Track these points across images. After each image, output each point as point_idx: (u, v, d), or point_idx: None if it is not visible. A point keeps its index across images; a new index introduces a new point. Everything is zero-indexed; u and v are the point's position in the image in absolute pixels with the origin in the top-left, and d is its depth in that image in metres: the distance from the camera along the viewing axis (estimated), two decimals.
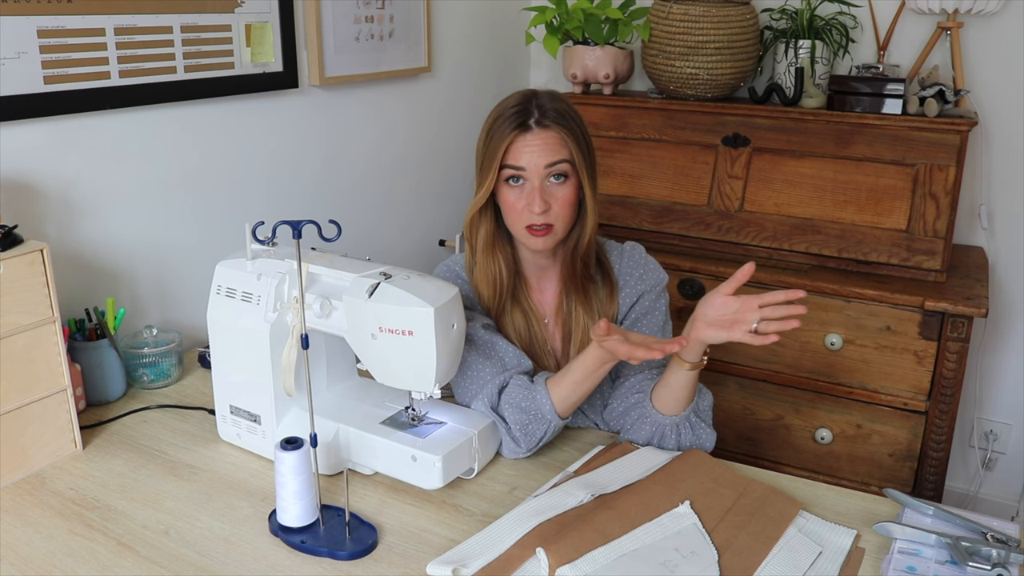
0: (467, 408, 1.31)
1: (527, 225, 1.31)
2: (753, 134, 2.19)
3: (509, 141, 1.28)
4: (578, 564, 0.99)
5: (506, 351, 1.35)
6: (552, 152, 1.28)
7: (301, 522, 1.09)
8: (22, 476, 1.24)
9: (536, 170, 1.28)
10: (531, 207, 1.28)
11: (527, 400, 1.27)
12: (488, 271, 1.38)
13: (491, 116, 1.33)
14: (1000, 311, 2.36)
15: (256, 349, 1.24)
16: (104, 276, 1.60)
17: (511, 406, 1.27)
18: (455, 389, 1.36)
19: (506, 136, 1.28)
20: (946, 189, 1.98)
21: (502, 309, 1.41)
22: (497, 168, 1.29)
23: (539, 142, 1.28)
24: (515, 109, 1.29)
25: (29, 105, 1.42)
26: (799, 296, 1.14)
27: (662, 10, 2.26)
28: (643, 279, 1.42)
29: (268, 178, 1.92)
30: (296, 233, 1.05)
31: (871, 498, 1.19)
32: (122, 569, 1.04)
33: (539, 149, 1.28)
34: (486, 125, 1.33)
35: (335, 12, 1.97)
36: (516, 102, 1.31)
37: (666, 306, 1.44)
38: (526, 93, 1.33)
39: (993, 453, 2.46)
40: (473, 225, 1.37)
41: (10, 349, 1.21)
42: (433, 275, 1.37)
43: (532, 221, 1.30)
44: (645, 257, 1.45)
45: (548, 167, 1.29)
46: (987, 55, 2.22)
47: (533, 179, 1.29)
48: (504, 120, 1.29)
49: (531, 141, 1.28)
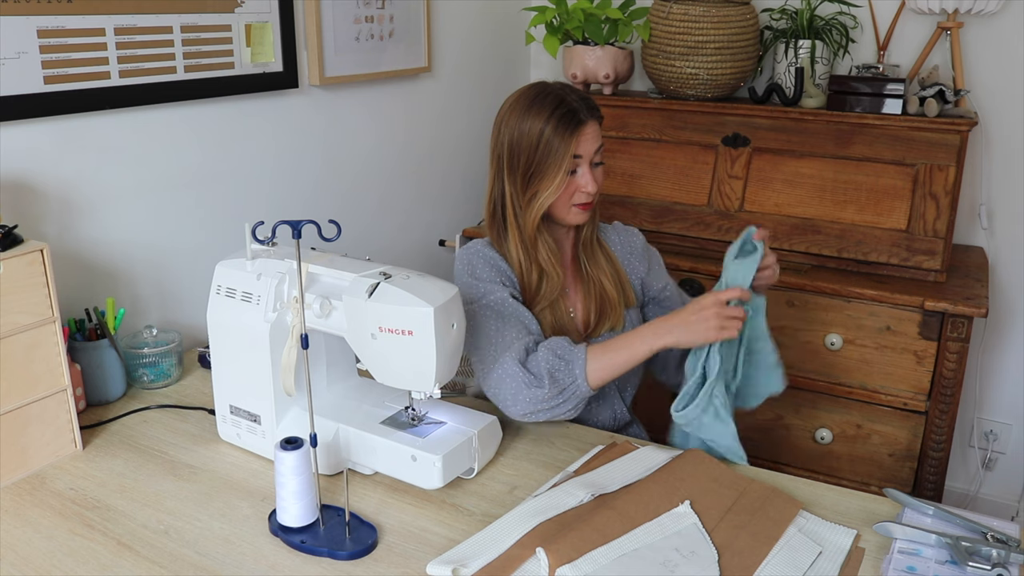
0: (467, 408, 1.31)
1: (577, 203, 1.46)
2: (753, 134, 2.19)
3: (576, 136, 1.41)
4: (578, 564, 0.99)
5: (532, 320, 1.43)
6: (598, 138, 1.46)
7: (301, 522, 1.09)
8: (22, 476, 1.24)
9: (589, 156, 1.45)
10: (587, 188, 1.44)
11: (564, 350, 1.35)
12: (548, 260, 1.48)
13: (537, 115, 1.41)
14: (1000, 311, 2.36)
15: (256, 349, 1.24)
16: (104, 276, 1.60)
17: (547, 349, 1.35)
18: (475, 355, 1.39)
19: (571, 133, 1.41)
20: (946, 189, 1.98)
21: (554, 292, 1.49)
22: (569, 161, 1.42)
23: (592, 132, 1.44)
24: (567, 106, 1.42)
25: (29, 105, 1.42)
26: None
27: (662, 10, 2.26)
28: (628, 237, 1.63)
29: (268, 178, 1.92)
30: (296, 233, 1.05)
31: (871, 498, 1.19)
32: (122, 569, 1.04)
33: (591, 138, 1.44)
34: (529, 126, 1.41)
35: (335, 12, 1.97)
36: (560, 98, 1.42)
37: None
38: (561, 88, 1.44)
39: (993, 453, 2.46)
40: (535, 220, 1.46)
41: (10, 349, 1.21)
42: (458, 256, 1.50)
43: (583, 199, 1.45)
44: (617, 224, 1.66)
45: (596, 151, 1.46)
46: (987, 55, 2.22)
47: (584, 164, 1.44)
48: (559, 119, 1.41)
49: (588, 132, 1.43)
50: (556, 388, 1.31)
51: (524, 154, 1.42)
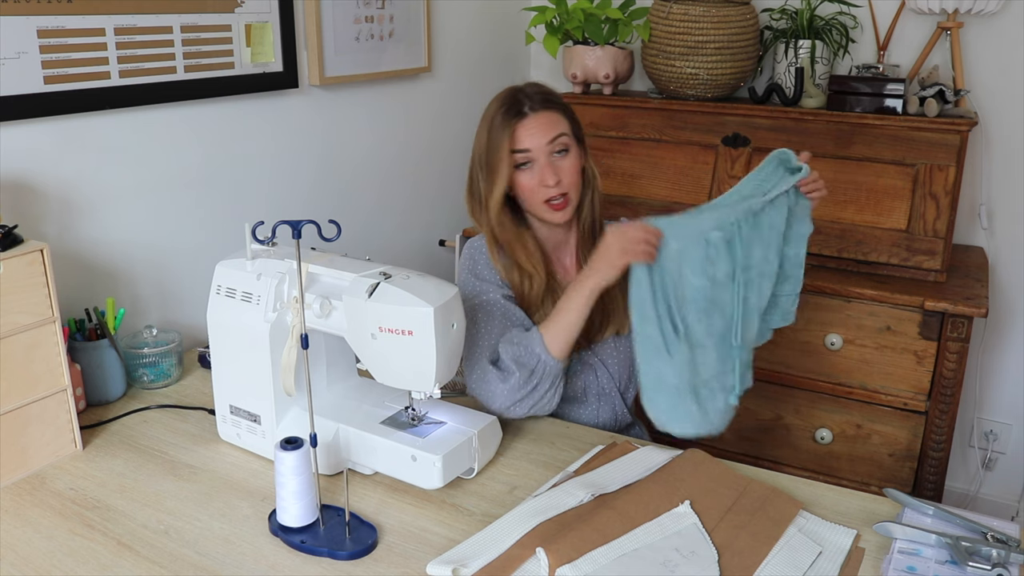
0: (467, 408, 1.31)
1: (545, 200, 1.43)
2: (753, 134, 2.19)
3: (512, 130, 1.40)
4: (578, 564, 0.99)
5: (525, 319, 1.43)
6: (550, 129, 1.41)
7: (301, 522, 1.09)
8: (22, 476, 1.24)
9: (540, 148, 1.41)
10: (545, 182, 1.41)
11: (518, 336, 1.38)
12: (527, 261, 1.47)
13: (486, 119, 1.46)
14: (1000, 311, 2.36)
15: (256, 349, 1.24)
16: (104, 276, 1.60)
17: (505, 342, 1.37)
18: (466, 359, 1.39)
19: (509, 126, 1.40)
20: (946, 189, 1.98)
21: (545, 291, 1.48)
22: (508, 156, 1.41)
23: (536, 124, 1.41)
24: (507, 104, 1.42)
25: (29, 105, 1.42)
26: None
27: (662, 10, 2.26)
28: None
29: (268, 178, 1.92)
30: (296, 233, 1.05)
31: (871, 498, 1.19)
32: (122, 569, 1.04)
33: (539, 129, 1.41)
34: (484, 128, 1.45)
35: (335, 12, 1.97)
36: (506, 98, 1.44)
37: None
38: (510, 89, 1.46)
39: (993, 453, 2.46)
40: (500, 221, 1.46)
41: (10, 349, 1.21)
42: (463, 250, 1.51)
43: (548, 195, 1.42)
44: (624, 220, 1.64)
45: (550, 143, 1.41)
46: (987, 55, 2.22)
47: (540, 157, 1.41)
48: (500, 115, 1.42)
49: (529, 124, 1.41)
50: (525, 371, 1.34)
51: (481, 155, 1.45)
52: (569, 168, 1.43)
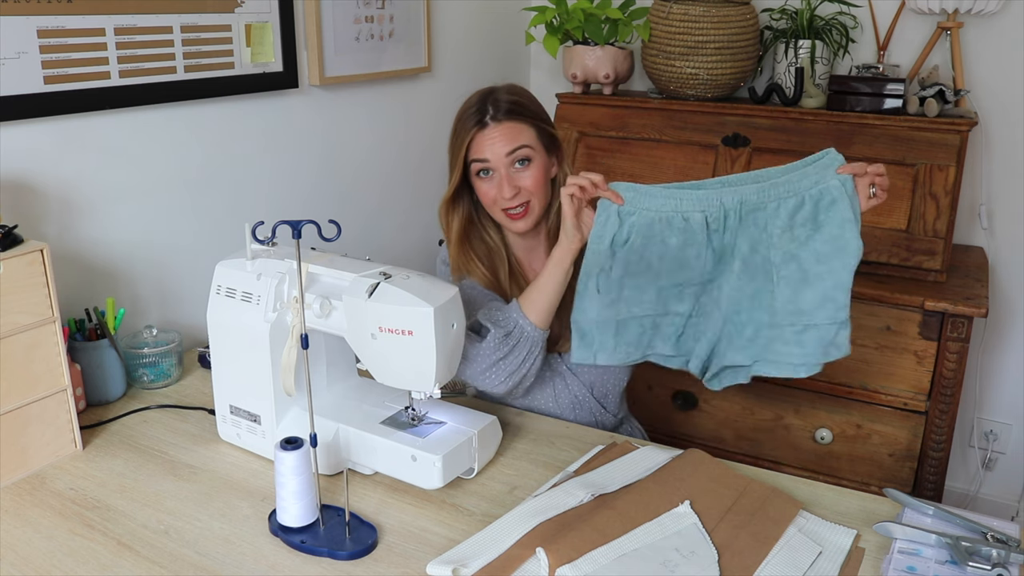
0: (467, 408, 1.31)
1: (503, 209, 1.44)
2: (753, 134, 2.19)
3: (471, 138, 1.42)
4: (578, 564, 0.99)
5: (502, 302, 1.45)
6: (510, 141, 1.41)
7: (301, 522, 1.09)
8: (22, 476, 1.24)
9: (499, 159, 1.41)
10: (502, 193, 1.42)
11: (498, 305, 1.42)
12: (471, 260, 1.49)
13: (456, 117, 1.46)
14: (1000, 311, 2.36)
15: (256, 349, 1.24)
16: (104, 276, 1.60)
17: (484, 310, 1.40)
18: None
19: (468, 133, 1.42)
20: (946, 189, 1.98)
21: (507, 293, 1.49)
22: (462, 164, 1.44)
23: (497, 134, 1.41)
24: (474, 108, 1.43)
25: (29, 105, 1.42)
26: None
27: (662, 10, 2.26)
28: None
29: (268, 178, 1.92)
30: (296, 233, 1.05)
31: (871, 498, 1.19)
32: (122, 569, 1.04)
33: (498, 140, 1.41)
34: (453, 126, 1.46)
35: (335, 12, 1.97)
36: (475, 102, 1.44)
37: None
38: (483, 92, 1.45)
39: (993, 453, 2.46)
40: (447, 217, 1.49)
41: (10, 349, 1.21)
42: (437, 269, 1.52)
43: (506, 205, 1.43)
44: None
45: (509, 155, 1.41)
46: (987, 55, 2.22)
47: (499, 168, 1.42)
48: (464, 119, 1.43)
49: (490, 134, 1.41)
50: (501, 331, 1.36)
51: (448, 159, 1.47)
52: (531, 179, 1.42)
